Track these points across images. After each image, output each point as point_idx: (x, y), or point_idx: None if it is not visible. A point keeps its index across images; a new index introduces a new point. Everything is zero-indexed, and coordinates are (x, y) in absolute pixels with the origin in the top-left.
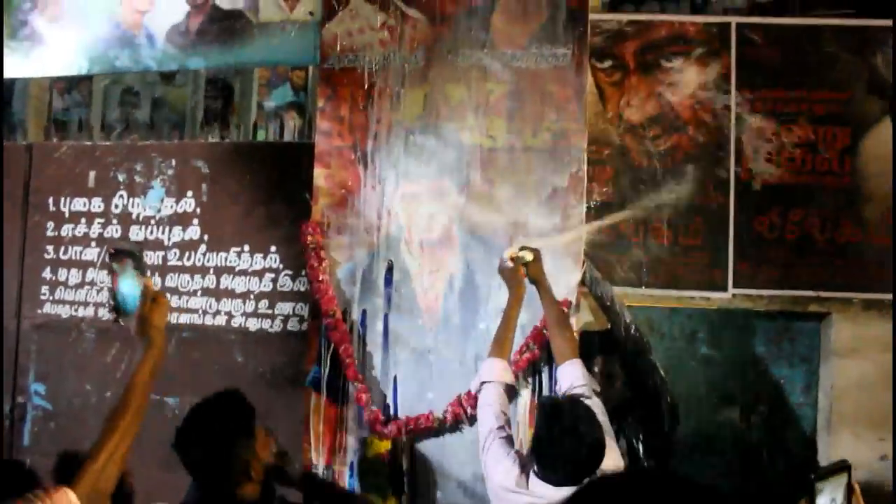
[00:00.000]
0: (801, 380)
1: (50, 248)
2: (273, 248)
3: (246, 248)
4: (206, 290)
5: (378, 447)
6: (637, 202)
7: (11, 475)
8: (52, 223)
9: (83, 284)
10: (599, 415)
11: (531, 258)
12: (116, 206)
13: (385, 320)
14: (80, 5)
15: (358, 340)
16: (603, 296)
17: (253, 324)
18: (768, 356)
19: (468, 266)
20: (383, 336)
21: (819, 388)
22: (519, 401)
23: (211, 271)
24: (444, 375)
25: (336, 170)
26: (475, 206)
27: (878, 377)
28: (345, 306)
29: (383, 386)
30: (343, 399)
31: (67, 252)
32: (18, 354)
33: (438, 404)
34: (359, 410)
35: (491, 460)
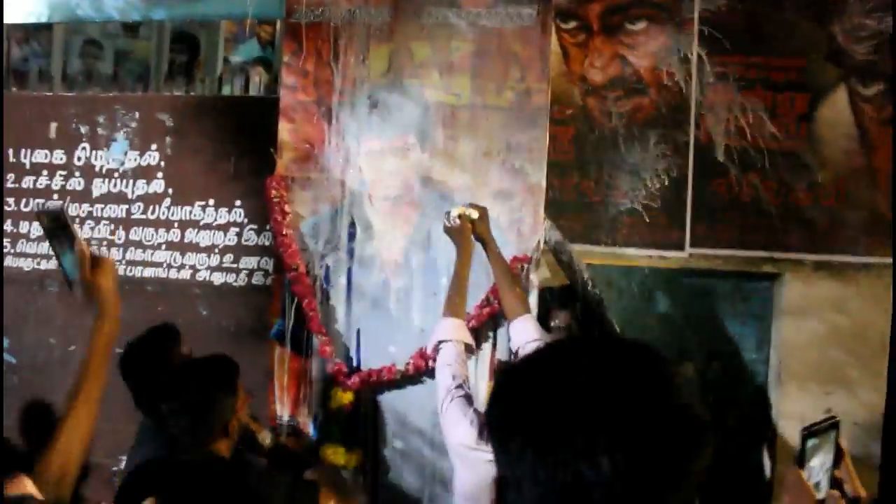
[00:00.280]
0: (754, 337)
1: (10, 201)
2: (238, 203)
3: (210, 202)
4: (171, 244)
5: (341, 399)
6: (597, 162)
7: None
8: (13, 175)
9: (44, 237)
10: None
11: (477, 216)
12: (79, 159)
13: (348, 274)
14: None
15: (321, 294)
16: (562, 253)
17: (217, 278)
18: (723, 314)
19: (430, 222)
20: (346, 290)
21: (771, 345)
22: (480, 355)
23: (175, 225)
24: (406, 329)
25: (300, 125)
26: (438, 163)
27: (827, 335)
28: (308, 260)
29: (346, 339)
30: (307, 352)
31: (29, 204)
32: None
33: (400, 357)
34: (322, 363)
35: (450, 420)
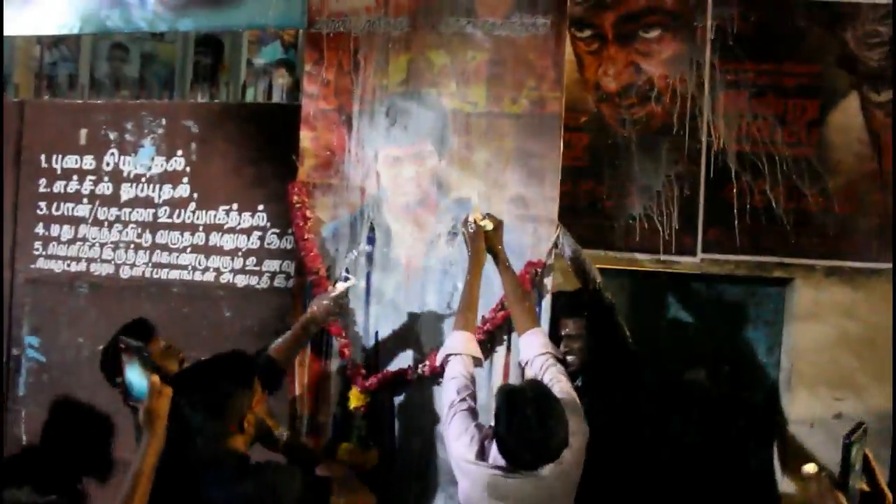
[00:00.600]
0: (765, 341)
1: (42, 205)
2: (261, 207)
3: (234, 207)
4: (196, 247)
5: (359, 399)
6: (611, 168)
7: None
8: (45, 180)
9: (75, 240)
10: (560, 380)
11: (492, 227)
12: (108, 164)
13: (367, 278)
14: None
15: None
16: (575, 259)
17: (241, 280)
18: (734, 319)
19: (447, 227)
20: (365, 293)
21: (782, 350)
22: (494, 359)
23: (200, 229)
24: (423, 331)
25: (321, 132)
26: (455, 170)
27: (837, 340)
28: (329, 264)
29: (365, 341)
30: (327, 353)
31: (60, 208)
32: (13, 308)
33: (418, 360)
34: (341, 364)
35: (452, 433)
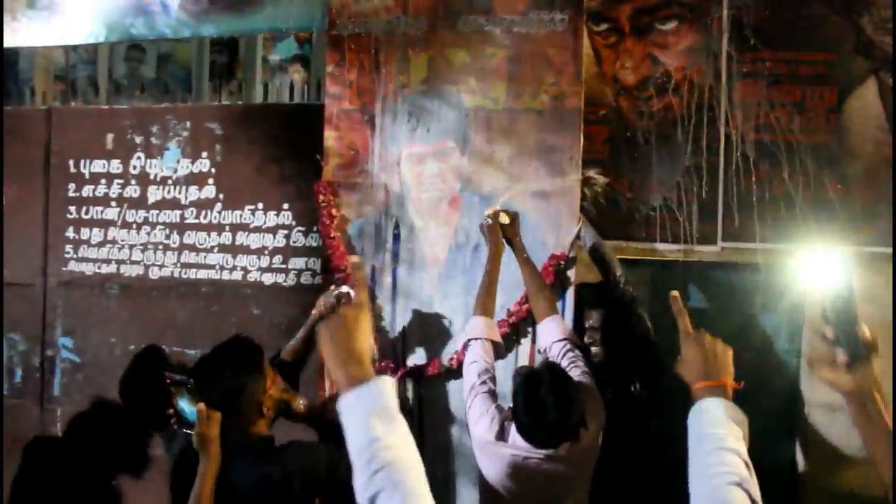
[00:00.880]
0: (786, 329)
1: (72, 209)
2: (286, 206)
3: (260, 206)
4: (223, 247)
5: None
6: (631, 160)
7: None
8: (73, 184)
9: (105, 243)
10: (578, 366)
11: (508, 221)
12: (134, 168)
13: (393, 274)
14: None
15: (368, 293)
16: (597, 250)
17: (268, 278)
18: (755, 307)
19: (470, 222)
20: (392, 289)
21: (802, 337)
22: (519, 350)
23: (227, 228)
24: (449, 325)
25: (345, 132)
26: (477, 166)
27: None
28: None
29: (392, 336)
30: None
31: (89, 212)
32: (46, 310)
33: (443, 353)
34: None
35: (473, 415)
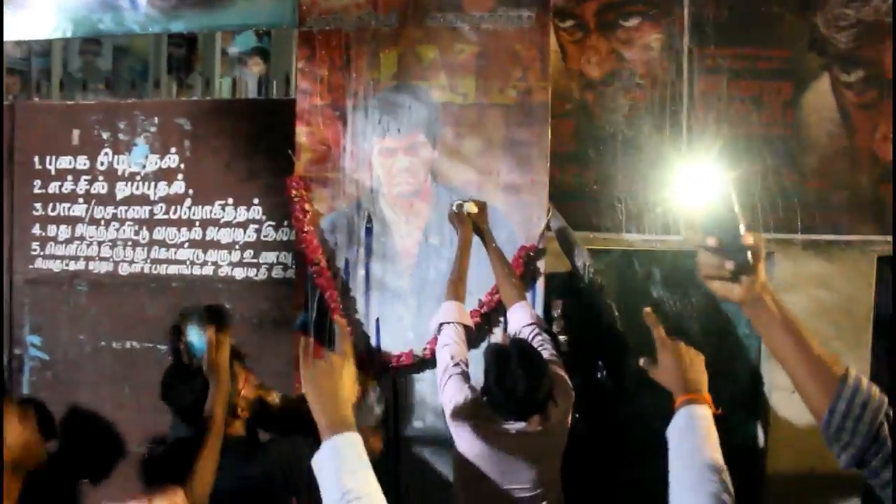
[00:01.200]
0: None
1: (38, 206)
2: (256, 200)
3: (230, 201)
4: (193, 242)
5: (363, 383)
6: (597, 153)
7: None
8: (39, 181)
9: (73, 239)
10: (546, 349)
11: (476, 210)
12: (102, 164)
13: (367, 267)
14: None
15: (342, 286)
16: (565, 241)
17: (239, 273)
18: None
19: (442, 215)
20: (365, 281)
21: None
22: (491, 338)
23: (197, 224)
24: (422, 316)
25: (316, 127)
26: (447, 160)
27: (814, 310)
28: (328, 255)
29: (366, 327)
30: (329, 340)
31: (56, 209)
32: (13, 308)
33: (418, 342)
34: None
35: (447, 394)
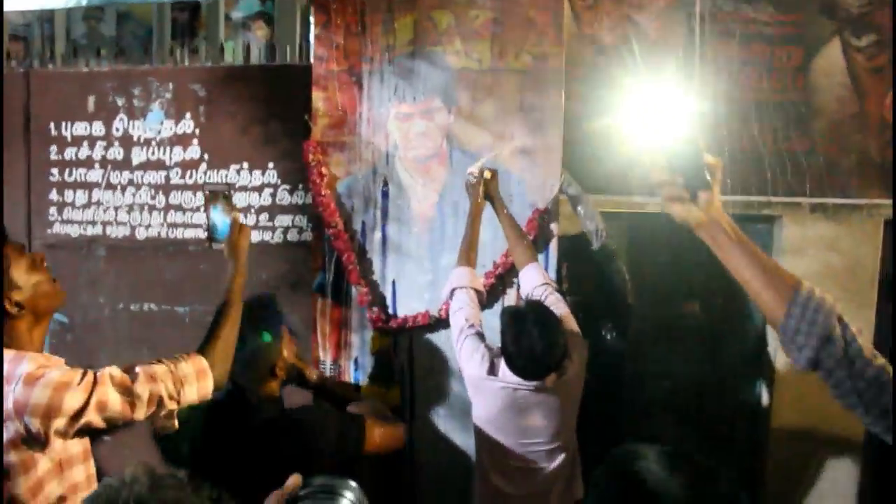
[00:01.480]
0: None
1: (55, 171)
2: (271, 165)
3: (245, 166)
4: None
5: (380, 343)
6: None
7: None
8: (55, 147)
9: (90, 205)
10: (559, 308)
11: (489, 177)
12: (117, 130)
13: (383, 230)
14: None
15: (359, 248)
16: (579, 204)
17: (255, 236)
18: None
19: (457, 178)
20: (382, 244)
21: None
22: (505, 298)
23: None
24: (438, 277)
25: (333, 93)
26: (462, 124)
27: (822, 272)
28: (345, 218)
29: (383, 289)
30: (346, 302)
31: (72, 174)
32: None
33: (433, 304)
34: (361, 311)
35: (464, 355)
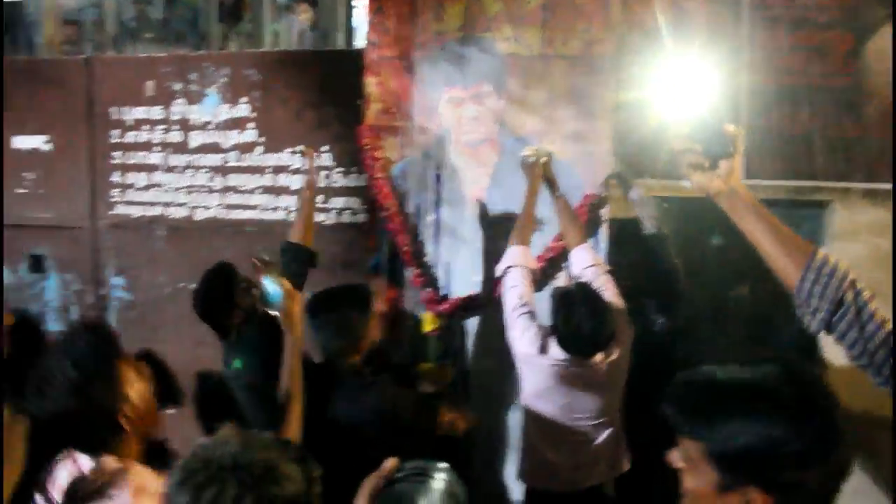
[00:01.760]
0: None
1: (117, 155)
2: (325, 148)
3: (299, 148)
4: (265, 188)
5: (432, 322)
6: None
7: None
8: (117, 131)
9: (150, 187)
10: (608, 289)
11: (545, 159)
12: (175, 114)
13: (436, 212)
14: None
15: (412, 231)
16: (629, 188)
17: None
18: None
19: (508, 162)
20: (435, 226)
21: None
22: (558, 279)
23: (268, 170)
24: (489, 260)
25: (386, 78)
26: (513, 110)
27: (872, 258)
28: (399, 201)
29: (435, 270)
30: (400, 282)
31: (133, 157)
32: (98, 252)
33: (485, 286)
34: (415, 292)
35: (517, 333)
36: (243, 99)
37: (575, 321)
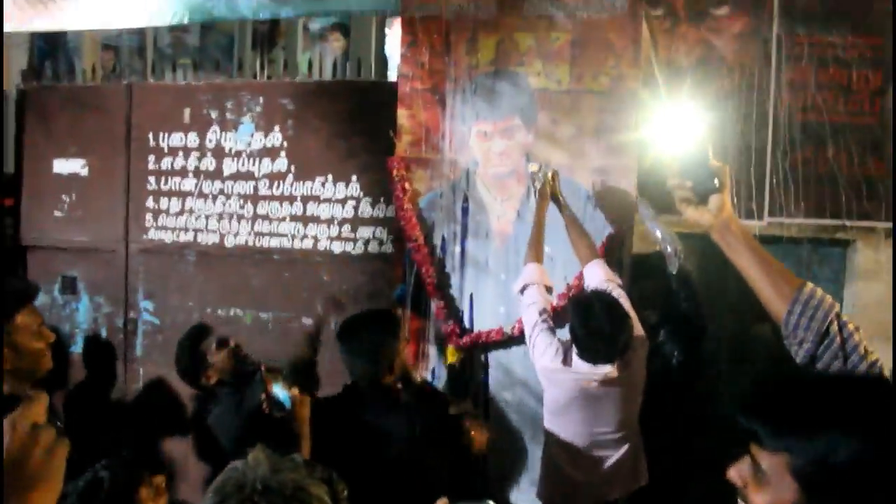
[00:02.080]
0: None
1: (152, 180)
2: (354, 178)
3: (329, 178)
4: (294, 217)
5: (455, 355)
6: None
7: None
8: (153, 157)
9: (182, 212)
10: (624, 302)
11: (551, 176)
12: (210, 141)
13: (462, 244)
14: None
15: (438, 262)
16: (653, 224)
17: (337, 247)
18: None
19: (535, 196)
20: (460, 258)
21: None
22: None
23: (298, 199)
24: (513, 293)
25: (417, 110)
26: (541, 143)
27: (892, 296)
28: (426, 232)
29: (460, 302)
30: (425, 314)
31: (167, 183)
32: (128, 275)
33: (508, 319)
34: (438, 324)
35: (538, 348)
36: (276, 127)
37: (593, 324)
